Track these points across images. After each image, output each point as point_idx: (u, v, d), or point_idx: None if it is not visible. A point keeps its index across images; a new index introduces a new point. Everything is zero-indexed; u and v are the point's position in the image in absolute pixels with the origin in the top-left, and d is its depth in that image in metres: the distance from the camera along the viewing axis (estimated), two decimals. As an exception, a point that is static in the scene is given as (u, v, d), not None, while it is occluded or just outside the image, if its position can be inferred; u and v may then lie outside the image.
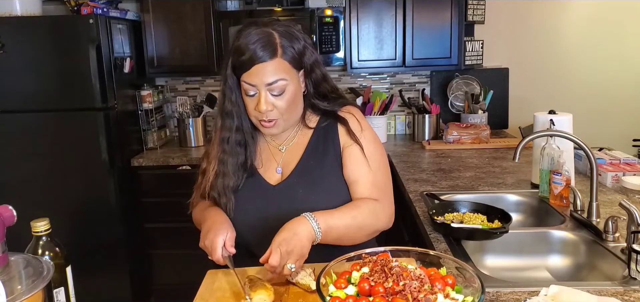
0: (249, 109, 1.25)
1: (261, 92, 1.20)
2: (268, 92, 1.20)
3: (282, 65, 1.20)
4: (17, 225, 0.93)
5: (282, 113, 1.24)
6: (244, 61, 1.18)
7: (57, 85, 2.69)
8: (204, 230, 1.25)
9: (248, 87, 1.21)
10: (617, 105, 3.44)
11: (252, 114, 1.25)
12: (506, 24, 3.39)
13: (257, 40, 1.17)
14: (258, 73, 1.18)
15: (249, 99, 1.23)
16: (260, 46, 1.17)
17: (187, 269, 2.98)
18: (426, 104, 3.25)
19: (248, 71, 1.19)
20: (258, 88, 1.20)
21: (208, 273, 1.25)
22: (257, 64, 1.17)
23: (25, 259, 0.93)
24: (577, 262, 1.49)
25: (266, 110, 1.21)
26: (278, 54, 1.19)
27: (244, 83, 1.21)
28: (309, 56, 1.26)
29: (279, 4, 3.06)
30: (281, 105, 1.23)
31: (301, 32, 1.26)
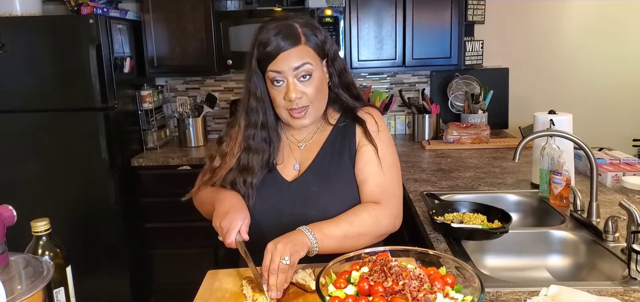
0: (277, 100, 1.26)
1: (289, 78, 1.22)
2: (295, 78, 1.22)
3: (307, 51, 1.23)
4: (17, 225, 0.93)
5: (312, 100, 1.25)
6: (270, 52, 1.21)
7: (57, 85, 2.69)
8: (220, 210, 1.23)
9: (275, 75, 1.23)
10: (617, 105, 3.45)
11: (281, 105, 1.26)
12: (506, 24, 3.39)
13: (280, 31, 1.21)
14: (285, 60, 1.21)
15: (276, 90, 1.25)
16: (283, 35, 1.21)
17: (187, 269, 2.98)
18: (426, 104, 3.25)
19: (274, 60, 1.21)
20: (285, 75, 1.22)
21: (208, 273, 1.25)
22: (283, 51, 1.20)
23: (25, 259, 0.93)
24: (577, 262, 1.49)
25: (296, 98, 1.23)
26: (302, 41, 1.22)
27: (271, 72, 1.23)
28: (330, 45, 1.29)
29: (279, 4, 3.06)
30: (310, 92, 1.24)
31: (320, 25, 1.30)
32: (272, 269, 1.07)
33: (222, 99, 3.46)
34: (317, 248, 1.15)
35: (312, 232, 1.15)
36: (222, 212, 1.22)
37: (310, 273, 1.16)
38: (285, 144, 1.38)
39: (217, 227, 1.22)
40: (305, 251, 1.13)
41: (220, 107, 3.46)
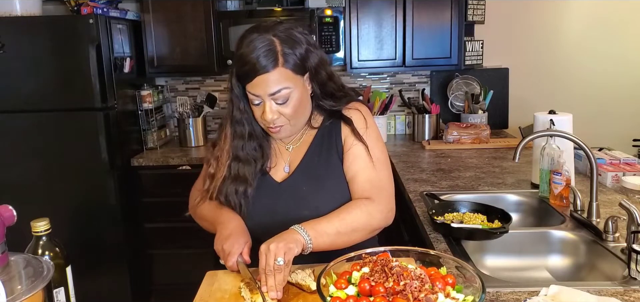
0: (256, 116, 1.27)
1: (265, 101, 1.21)
2: (272, 101, 1.21)
3: (285, 74, 1.19)
4: (17, 225, 0.93)
5: (289, 119, 1.25)
6: (247, 72, 1.18)
7: (57, 85, 2.69)
8: (222, 234, 1.25)
9: (252, 98, 1.23)
10: (617, 105, 3.45)
11: (259, 121, 1.28)
12: (506, 24, 3.39)
13: (257, 51, 1.16)
14: (261, 84, 1.18)
15: (255, 107, 1.25)
16: (261, 56, 1.16)
17: (187, 269, 2.97)
18: (426, 104, 3.25)
19: (251, 82, 1.19)
20: (262, 98, 1.21)
21: (207, 274, 1.25)
22: (259, 75, 1.17)
23: (25, 259, 0.93)
24: (577, 262, 1.49)
25: (272, 119, 1.23)
26: (279, 63, 1.18)
27: (249, 93, 1.22)
28: (312, 59, 1.25)
29: (279, 4, 3.06)
30: (287, 112, 1.24)
31: (303, 33, 1.25)
32: (267, 271, 1.08)
33: (222, 99, 3.46)
34: (311, 245, 1.15)
35: (305, 230, 1.15)
36: (224, 236, 1.24)
37: (310, 273, 1.16)
38: (274, 148, 1.39)
39: (219, 250, 1.24)
40: (299, 249, 1.12)
41: (220, 107, 3.45)
